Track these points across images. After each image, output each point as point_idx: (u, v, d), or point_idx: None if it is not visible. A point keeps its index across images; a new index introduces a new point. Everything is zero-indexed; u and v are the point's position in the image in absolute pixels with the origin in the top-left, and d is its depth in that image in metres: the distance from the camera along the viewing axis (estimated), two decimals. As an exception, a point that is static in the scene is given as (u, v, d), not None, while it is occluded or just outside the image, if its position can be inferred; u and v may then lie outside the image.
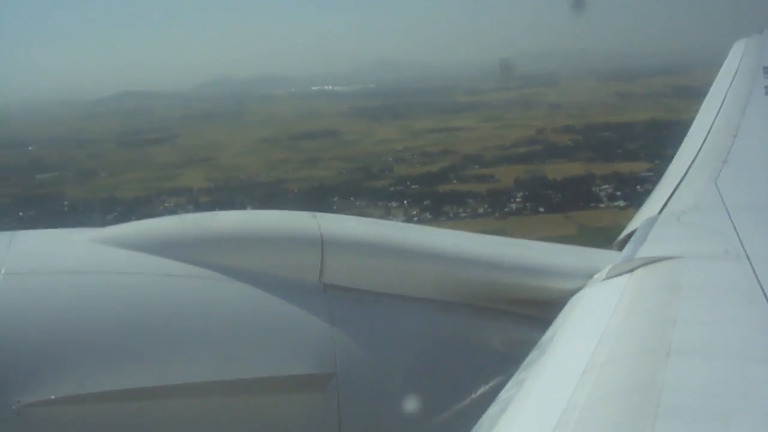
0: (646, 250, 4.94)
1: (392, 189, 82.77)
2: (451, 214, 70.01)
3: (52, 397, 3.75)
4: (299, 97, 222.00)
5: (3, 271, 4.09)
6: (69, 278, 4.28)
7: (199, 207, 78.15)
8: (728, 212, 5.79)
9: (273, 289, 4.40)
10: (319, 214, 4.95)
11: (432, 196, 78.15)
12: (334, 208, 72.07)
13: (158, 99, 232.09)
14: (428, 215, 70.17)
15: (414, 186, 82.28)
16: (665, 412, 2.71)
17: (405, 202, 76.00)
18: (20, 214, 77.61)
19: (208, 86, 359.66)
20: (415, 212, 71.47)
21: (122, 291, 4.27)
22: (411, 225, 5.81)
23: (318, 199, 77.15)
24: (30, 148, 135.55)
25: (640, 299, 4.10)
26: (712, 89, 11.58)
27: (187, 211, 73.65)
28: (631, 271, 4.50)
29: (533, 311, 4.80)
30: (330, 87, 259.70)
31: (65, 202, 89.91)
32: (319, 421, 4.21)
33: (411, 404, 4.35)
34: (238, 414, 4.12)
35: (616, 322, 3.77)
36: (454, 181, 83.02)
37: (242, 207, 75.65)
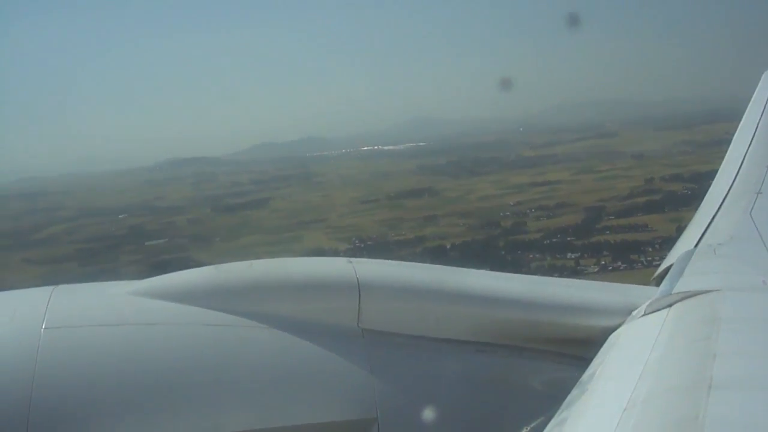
0: (684, 285, 4.90)
1: (546, 242, 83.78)
2: (640, 263, 70.43)
3: None
4: (356, 158, 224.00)
5: (44, 326, 4.10)
6: (109, 331, 4.27)
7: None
8: (764, 243, 5.84)
9: (311, 335, 4.40)
10: (354, 260, 4.96)
11: (593, 248, 79.62)
12: (490, 263, 73.90)
13: (209, 164, 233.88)
14: (620, 264, 71.21)
15: (569, 238, 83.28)
16: None
17: (571, 255, 76.78)
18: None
19: (255, 150, 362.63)
20: (605, 262, 72.45)
21: (161, 342, 4.28)
22: (446, 267, 5.57)
23: (471, 255, 78.56)
24: (121, 216, 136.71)
25: (679, 334, 4.06)
26: (743, 120, 11.27)
27: None
28: (670, 306, 4.46)
29: (573, 350, 4.80)
30: (379, 147, 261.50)
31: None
32: None
33: None
34: None
35: (655, 358, 3.74)
36: (607, 232, 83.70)
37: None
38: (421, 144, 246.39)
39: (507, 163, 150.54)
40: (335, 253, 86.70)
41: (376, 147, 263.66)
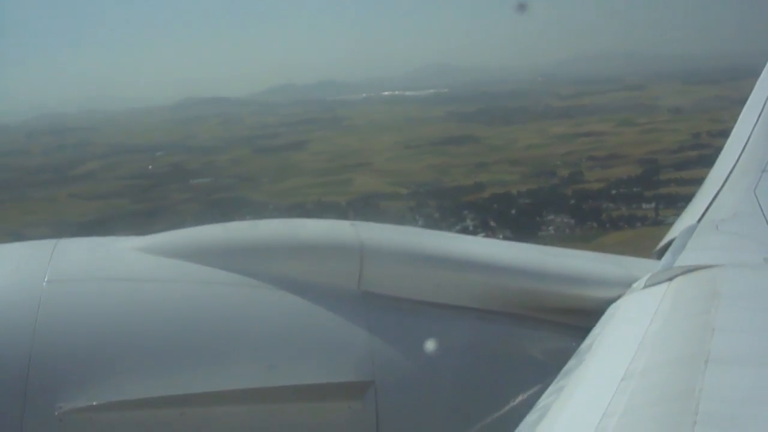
0: (685, 259, 4.96)
1: (614, 192, 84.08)
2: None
3: (94, 403, 3.82)
4: (380, 103, 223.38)
5: (46, 279, 4.15)
6: (111, 286, 4.33)
7: (409, 211, 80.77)
8: (767, 221, 5.87)
9: (312, 296, 4.45)
10: (357, 223, 5.01)
11: (665, 199, 77.21)
12: (563, 211, 74.74)
13: (230, 104, 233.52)
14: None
15: (635, 188, 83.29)
16: (703, 420, 2.71)
17: (647, 205, 77.04)
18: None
19: (274, 92, 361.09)
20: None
21: (162, 299, 4.34)
22: (449, 234, 6.09)
23: (541, 202, 79.35)
24: (158, 153, 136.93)
25: (678, 308, 4.09)
26: (752, 96, 10.64)
27: (407, 216, 76.22)
28: (670, 279, 4.49)
29: (572, 320, 4.83)
30: (401, 92, 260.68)
31: (250, 209, 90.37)
32: (357, 429, 4.24)
33: (449, 412, 4.44)
34: (276, 421, 4.17)
35: (654, 331, 3.78)
36: (672, 184, 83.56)
37: (457, 212, 78.67)
38: (444, 90, 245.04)
39: (538, 112, 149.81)
40: (398, 198, 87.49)
41: (397, 92, 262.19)
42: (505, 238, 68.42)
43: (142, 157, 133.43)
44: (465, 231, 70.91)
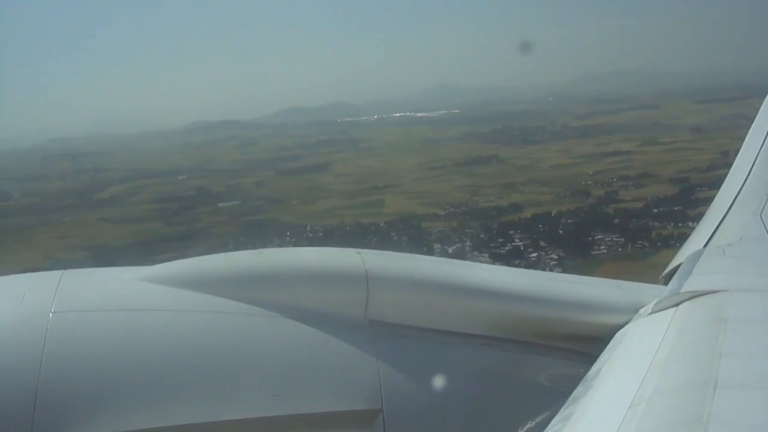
0: (692, 284, 4.90)
1: (656, 211, 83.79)
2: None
3: None
4: (392, 124, 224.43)
5: (52, 309, 4.12)
6: (117, 316, 4.30)
7: (453, 232, 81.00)
8: None
9: (319, 325, 4.42)
10: (363, 251, 4.96)
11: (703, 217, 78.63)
12: (611, 230, 74.78)
13: (241, 128, 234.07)
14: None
15: (677, 207, 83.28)
16: None
17: (691, 224, 77.04)
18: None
19: (284, 114, 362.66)
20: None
21: (169, 329, 4.31)
22: (455, 261, 5.76)
23: (586, 223, 79.29)
24: (180, 177, 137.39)
25: (685, 333, 4.08)
26: (756, 121, 10.74)
27: (441, 237, 76.46)
28: (677, 305, 4.49)
29: (579, 346, 4.83)
30: (411, 113, 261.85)
31: (287, 231, 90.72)
32: None
33: None
34: None
35: (662, 357, 3.77)
36: (710, 203, 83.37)
37: (502, 232, 78.82)
38: (455, 111, 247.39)
39: (556, 132, 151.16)
40: (436, 219, 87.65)
41: (408, 114, 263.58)
42: (558, 258, 68.81)
43: (163, 181, 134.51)
44: (516, 251, 71.18)
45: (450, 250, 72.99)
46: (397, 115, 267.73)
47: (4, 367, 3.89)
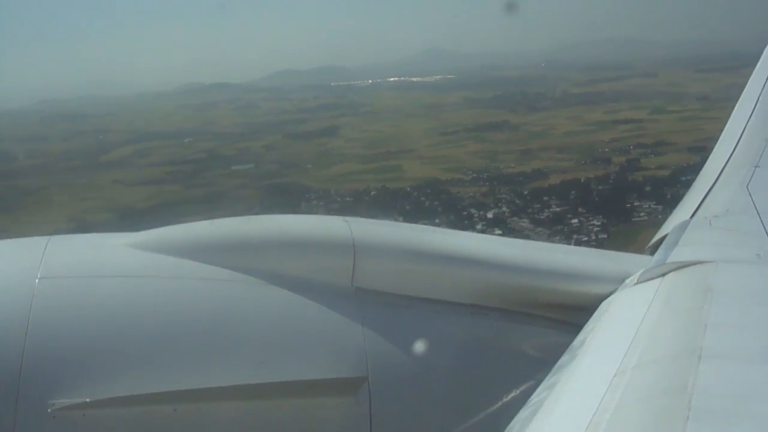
0: (678, 255, 4.94)
1: (684, 179, 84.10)
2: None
3: (87, 400, 3.80)
4: (390, 89, 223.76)
5: (38, 275, 4.12)
6: (103, 282, 4.29)
7: (484, 197, 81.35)
8: (760, 216, 5.80)
9: (305, 292, 4.44)
10: (350, 219, 4.98)
11: None
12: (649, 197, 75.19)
13: (235, 90, 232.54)
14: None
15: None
16: (696, 415, 2.72)
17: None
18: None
19: (278, 77, 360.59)
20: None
21: (155, 295, 4.30)
22: (443, 229, 5.87)
23: (618, 189, 79.68)
24: (186, 140, 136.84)
25: (671, 303, 4.09)
26: (745, 90, 10.83)
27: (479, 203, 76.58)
28: (663, 275, 4.50)
29: (565, 315, 4.84)
30: (407, 78, 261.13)
31: (312, 195, 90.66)
32: (351, 425, 4.21)
33: (442, 408, 4.44)
34: (269, 417, 4.15)
35: (647, 326, 3.78)
36: None
37: (537, 199, 79.02)
38: (450, 76, 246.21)
39: (559, 99, 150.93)
40: (462, 184, 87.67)
41: (402, 78, 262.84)
42: (601, 224, 69.22)
43: (169, 143, 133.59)
44: (556, 217, 71.42)
45: (489, 215, 73.14)
46: (392, 79, 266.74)
47: None
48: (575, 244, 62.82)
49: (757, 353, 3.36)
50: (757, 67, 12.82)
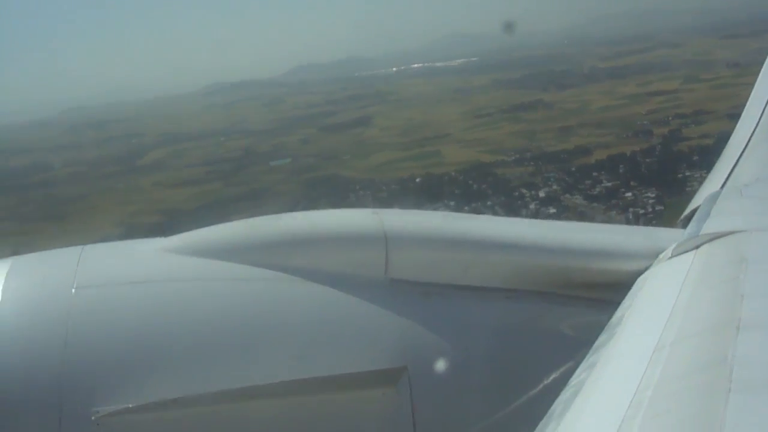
0: (710, 226, 4.90)
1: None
2: None
3: (130, 406, 3.83)
4: (415, 75, 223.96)
5: (74, 285, 4.14)
6: (140, 288, 4.32)
7: (532, 176, 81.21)
8: None
9: (340, 286, 4.45)
10: (380, 210, 5.00)
11: None
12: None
13: (261, 87, 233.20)
14: None
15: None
16: (738, 387, 2.70)
17: None
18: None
19: (300, 71, 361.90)
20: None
21: (192, 298, 4.33)
22: (472, 215, 5.98)
23: (670, 161, 79.41)
24: (222, 138, 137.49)
25: (706, 275, 4.07)
26: (767, 62, 10.70)
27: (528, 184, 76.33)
28: (697, 247, 4.46)
29: (601, 294, 4.79)
30: (429, 63, 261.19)
31: (355, 185, 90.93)
32: (393, 416, 4.23)
33: (483, 393, 4.43)
34: (312, 413, 4.18)
35: (683, 300, 3.76)
36: None
37: (587, 175, 78.71)
38: (473, 59, 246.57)
39: (588, 75, 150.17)
40: (506, 165, 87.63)
41: (426, 64, 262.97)
42: (655, 196, 69.05)
43: (203, 143, 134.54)
44: (610, 192, 71.30)
45: (541, 194, 73.18)
46: (416, 66, 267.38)
47: (30, 344, 3.95)
48: (632, 218, 63.05)
49: None
50: None
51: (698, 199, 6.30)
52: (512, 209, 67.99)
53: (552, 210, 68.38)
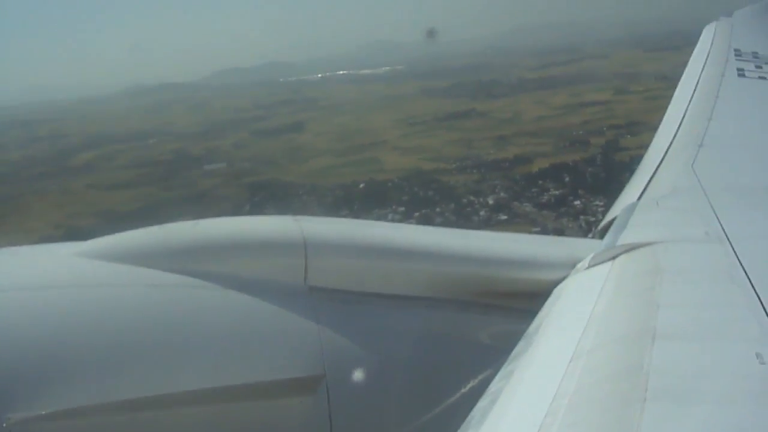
0: (627, 237, 5.00)
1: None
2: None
3: (43, 412, 3.71)
4: (342, 82, 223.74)
5: None
6: (53, 293, 4.18)
7: (478, 184, 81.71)
8: (706, 195, 5.80)
9: (258, 294, 4.40)
10: (300, 217, 4.99)
11: None
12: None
13: (182, 90, 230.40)
14: None
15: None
16: (653, 396, 2.76)
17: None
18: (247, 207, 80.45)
19: (222, 75, 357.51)
20: None
21: (107, 303, 4.20)
22: (393, 224, 6.19)
23: (612, 168, 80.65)
24: (151, 141, 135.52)
25: (623, 286, 4.13)
26: (685, 74, 11.68)
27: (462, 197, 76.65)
28: (613, 258, 4.53)
29: (519, 303, 4.82)
30: (354, 71, 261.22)
31: (297, 190, 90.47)
32: (310, 424, 4.19)
33: (402, 402, 4.43)
34: (228, 421, 4.12)
35: (600, 310, 3.81)
36: None
37: (532, 184, 79.45)
38: (399, 67, 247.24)
39: (516, 85, 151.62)
40: (449, 173, 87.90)
41: (351, 71, 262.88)
42: (604, 204, 69.85)
43: (133, 146, 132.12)
44: (559, 200, 72.01)
45: (490, 201, 73.50)
46: (342, 73, 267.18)
47: None
48: (584, 225, 63.72)
49: (708, 331, 3.41)
50: (696, 48, 14.70)
51: (615, 210, 6.40)
52: (463, 216, 68.32)
53: (503, 217, 68.87)
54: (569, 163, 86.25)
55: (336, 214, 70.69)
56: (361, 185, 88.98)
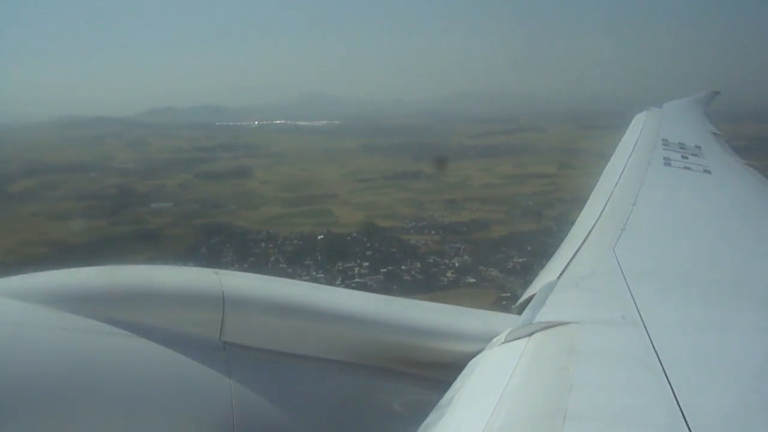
0: (545, 315, 4.99)
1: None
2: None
3: None
4: (280, 131, 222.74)
5: None
6: None
7: (440, 245, 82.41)
8: (625, 279, 5.84)
9: (171, 346, 4.27)
10: (221, 271, 4.88)
11: None
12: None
13: (116, 125, 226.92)
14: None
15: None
16: None
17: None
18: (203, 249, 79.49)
19: (156, 113, 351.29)
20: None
21: (15, 344, 4.01)
22: (314, 285, 5.86)
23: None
24: (92, 174, 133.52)
25: (537, 364, 4.14)
26: (612, 158, 11.99)
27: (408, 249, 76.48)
28: (530, 335, 4.53)
29: (433, 373, 4.83)
30: (292, 121, 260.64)
31: (254, 236, 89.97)
32: None
33: None
34: None
35: (513, 386, 3.82)
36: None
37: (474, 244, 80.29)
38: (336, 122, 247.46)
39: (459, 151, 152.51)
40: (403, 232, 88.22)
41: (288, 121, 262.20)
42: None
43: (73, 177, 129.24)
44: (525, 266, 72.91)
45: (456, 263, 73.71)
46: (279, 122, 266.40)
47: None
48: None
49: (619, 415, 3.45)
50: (625, 135, 15.28)
51: (535, 287, 6.40)
52: (431, 276, 68.57)
53: (471, 279, 69.18)
54: (528, 233, 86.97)
55: (300, 264, 70.70)
56: (320, 237, 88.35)
